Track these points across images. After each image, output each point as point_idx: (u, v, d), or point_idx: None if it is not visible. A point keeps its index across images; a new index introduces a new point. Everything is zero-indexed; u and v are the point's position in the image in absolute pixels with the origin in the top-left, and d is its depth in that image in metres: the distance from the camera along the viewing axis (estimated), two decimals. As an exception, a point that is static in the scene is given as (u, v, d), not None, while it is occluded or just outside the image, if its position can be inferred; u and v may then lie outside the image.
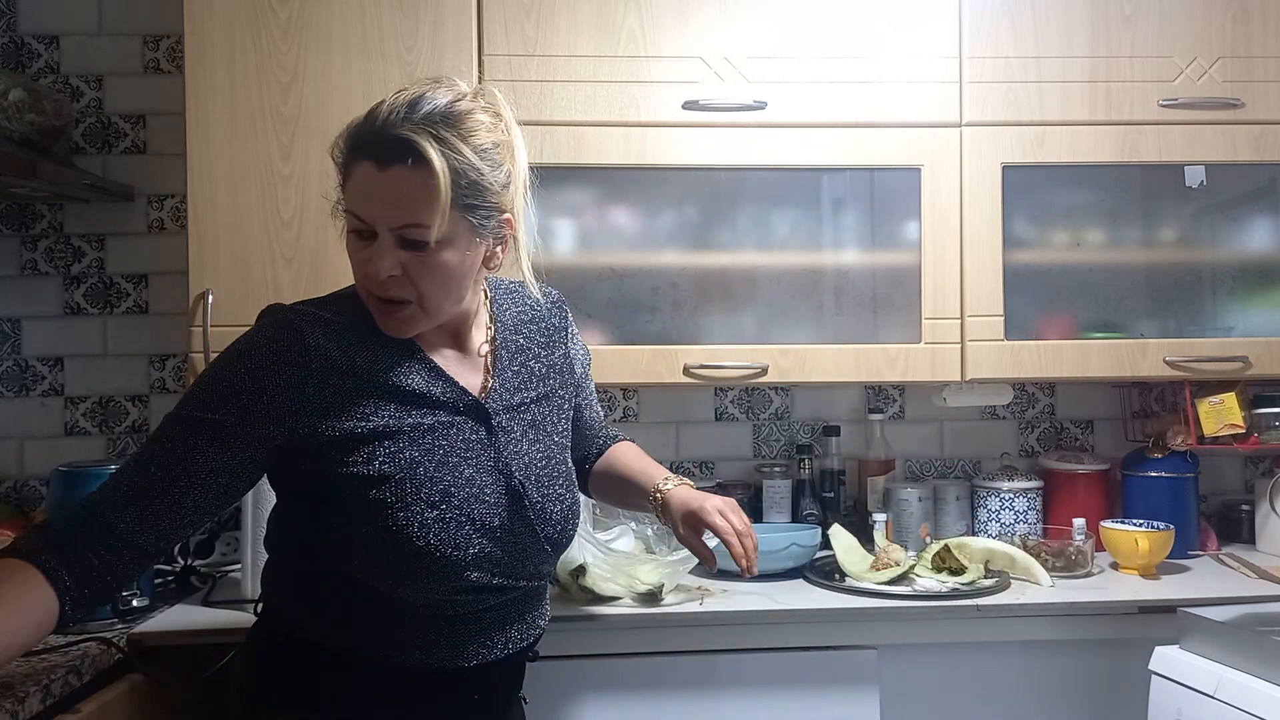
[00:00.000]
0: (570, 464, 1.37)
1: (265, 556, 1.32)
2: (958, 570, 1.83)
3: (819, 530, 1.99)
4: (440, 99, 1.17)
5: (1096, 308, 2.02)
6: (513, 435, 1.29)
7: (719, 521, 1.38)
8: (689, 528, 1.40)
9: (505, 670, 1.32)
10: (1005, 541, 1.95)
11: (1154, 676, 1.59)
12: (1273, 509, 2.11)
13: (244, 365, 1.16)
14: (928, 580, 1.79)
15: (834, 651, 1.72)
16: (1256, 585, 1.84)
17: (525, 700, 1.42)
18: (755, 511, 2.17)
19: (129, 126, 2.20)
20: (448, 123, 1.16)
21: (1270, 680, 1.39)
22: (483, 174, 1.17)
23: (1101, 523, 1.98)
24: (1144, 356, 1.96)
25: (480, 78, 1.87)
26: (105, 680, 1.50)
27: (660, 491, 1.44)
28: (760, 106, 1.90)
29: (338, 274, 1.83)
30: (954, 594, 1.75)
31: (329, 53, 1.85)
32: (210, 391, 1.16)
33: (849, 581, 1.83)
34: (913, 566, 1.84)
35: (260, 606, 1.34)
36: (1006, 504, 2.13)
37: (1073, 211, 2.02)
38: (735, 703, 1.70)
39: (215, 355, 1.77)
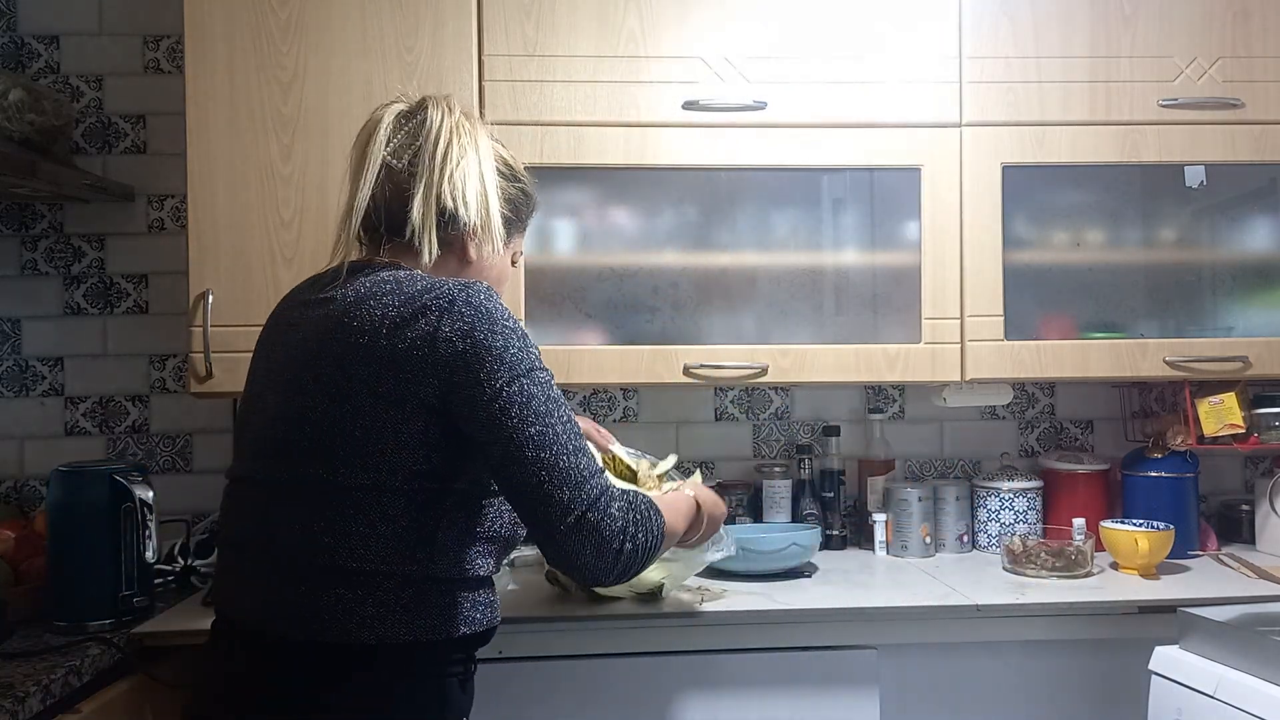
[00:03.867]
0: None
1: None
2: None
3: (819, 530, 2.00)
4: None
5: (1096, 308, 2.02)
6: None
7: None
8: None
9: None
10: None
11: (1154, 676, 1.59)
12: (1273, 509, 2.12)
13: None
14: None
15: (834, 651, 1.72)
16: (1256, 585, 1.84)
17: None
18: (755, 511, 2.18)
19: (129, 126, 2.20)
20: None
21: (1270, 680, 1.39)
22: None
23: (1101, 523, 1.98)
24: (1144, 356, 1.96)
25: (480, 78, 1.87)
26: (105, 680, 1.50)
27: None
28: (760, 106, 1.90)
29: (338, 274, 1.84)
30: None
31: (329, 53, 1.85)
32: (530, 346, 1.21)
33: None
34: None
35: None
36: (1006, 504, 2.13)
37: (1073, 211, 2.02)
38: (735, 703, 1.70)
39: (215, 353, 1.80)
